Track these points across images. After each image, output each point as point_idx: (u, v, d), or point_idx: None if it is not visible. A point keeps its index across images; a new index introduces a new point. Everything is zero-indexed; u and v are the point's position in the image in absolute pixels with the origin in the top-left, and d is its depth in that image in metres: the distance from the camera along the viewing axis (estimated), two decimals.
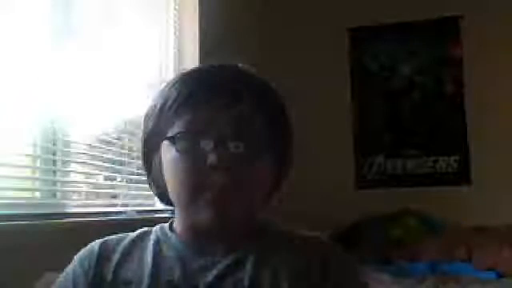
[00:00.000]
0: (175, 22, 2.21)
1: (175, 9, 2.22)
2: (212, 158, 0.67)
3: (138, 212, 1.75)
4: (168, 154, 0.72)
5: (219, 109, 0.70)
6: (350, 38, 3.39)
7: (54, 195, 1.42)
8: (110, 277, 0.73)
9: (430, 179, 3.19)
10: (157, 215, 1.84)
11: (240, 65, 0.82)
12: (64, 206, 1.44)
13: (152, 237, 0.77)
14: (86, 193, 1.67)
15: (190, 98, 0.71)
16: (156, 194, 0.79)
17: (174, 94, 0.72)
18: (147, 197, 1.96)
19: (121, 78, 1.73)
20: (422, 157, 3.23)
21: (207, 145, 0.68)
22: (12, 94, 1.24)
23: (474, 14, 3.15)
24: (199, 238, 0.73)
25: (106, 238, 0.80)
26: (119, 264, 0.74)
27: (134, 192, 1.82)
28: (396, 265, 2.64)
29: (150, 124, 0.75)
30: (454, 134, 3.19)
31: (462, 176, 3.15)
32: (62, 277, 0.77)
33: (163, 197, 0.77)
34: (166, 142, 0.72)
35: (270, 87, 0.80)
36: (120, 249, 0.76)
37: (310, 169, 3.12)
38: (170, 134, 0.71)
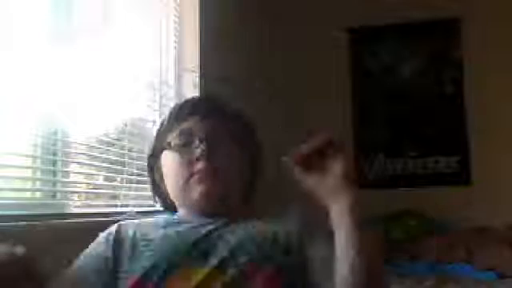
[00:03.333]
0: (175, 22, 2.21)
1: (175, 9, 2.22)
2: (197, 153, 0.97)
3: (138, 212, 1.75)
4: (166, 158, 1.02)
5: (198, 121, 1.02)
6: (350, 38, 3.39)
7: (54, 196, 1.42)
8: (130, 235, 0.98)
9: (430, 179, 3.19)
10: (157, 215, 1.84)
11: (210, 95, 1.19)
12: (64, 206, 1.44)
13: (160, 219, 1.06)
14: (86, 193, 1.67)
15: (179, 116, 1.04)
16: (159, 199, 1.11)
17: (168, 115, 1.07)
18: (147, 197, 1.96)
19: (121, 79, 1.72)
20: (422, 157, 3.23)
21: (193, 144, 0.98)
22: (12, 94, 1.24)
23: (473, 14, 3.16)
24: (194, 214, 1.00)
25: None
26: (136, 229, 1.00)
27: (134, 192, 1.82)
28: (396, 265, 2.63)
29: (153, 142, 1.08)
30: (454, 134, 3.19)
31: (462, 176, 3.15)
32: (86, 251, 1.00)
33: (164, 201, 1.08)
34: (165, 151, 1.02)
35: (235, 107, 1.13)
36: (136, 222, 1.04)
37: None
38: (167, 141, 1.02)
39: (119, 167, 1.73)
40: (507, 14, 3.14)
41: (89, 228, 1.33)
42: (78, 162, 1.58)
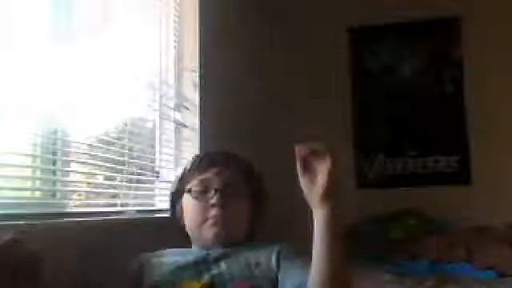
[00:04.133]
0: (175, 21, 2.21)
1: (175, 9, 2.22)
2: (212, 201, 1.22)
3: (138, 212, 1.76)
4: (186, 200, 1.28)
5: (217, 172, 1.26)
6: (350, 38, 3.39)
7: (54, 195, 1.42)
8: (148, 256, 1.25)
9: (429, 179, 3.19)
10: (157, 215, 1.85)
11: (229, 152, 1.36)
12: (64, 205, 1.44)
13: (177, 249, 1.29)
14: (85, 193, 1.67)
15: (199, 167, 1.29)
16: (179, 228, 1.32)
17: (189, 165, 1.33)
18: (147, 197, 1.96)
19: (121, 79, 1.73)
20: (422, 157, 3.23)
21: (209, 193, 1.23)
22: (12, 93, 1.24)
23: (473, 14, 3.16)
24: (204, 247, 1.24)
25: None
26: (156, 254, 1.26)
27: (133, 192, 1.82)
28: (396, 265, 2.63)
29: (175, 185, 1.34)
30: (454, 133, 3.19)
31: (462, 176, 3.15)
32: None
33: (182, 230, 1.31)
34: (185, 195, 1.28)
35: (246, 161, 1.34)
36: (158, 252, 1.28)
37: None
38: (188, 187, 1.28)
39: (119, 167, 1.73)
40: (507, 14, 3.14)
41: (89, 228, 1.33)
42: (78, 162, 1.58)
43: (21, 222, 1.08)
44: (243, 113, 2.78)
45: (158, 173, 2.01)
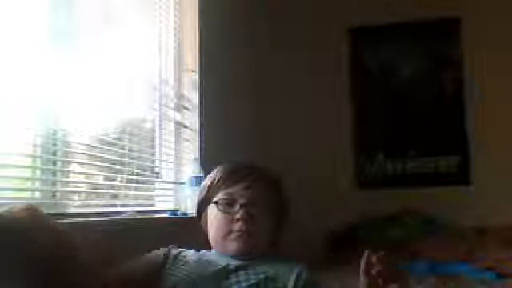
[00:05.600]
0: (175, 21, 2.21)
1: (175, 8, 2.22)
2: (237, 215, 1.25)
3: (138, 212, 1.75)
4: (211, 213, 1.31)
5: (244, 188, 1.28)
6: (350, 37, 3.39)
7: (54, 195, 1.42)
8: (175, 253, 1.28)
9: (429, 179, 3.19)
10: (157, 215, 1.85)
11: (255, 164, 1.38)
12: (64, 206, 1.44)
13: (200, 251, 1.32)
14: (85, 193, 1.67)
15: (227, 181, 1.31)
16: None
17: (218, 176, 1.33)
18: (147, 197, 1.96)
19: (121, 79, 1.72)
20: (422, 157, 3.23)
21: (235, 208, 1.26)
22: (12, 94, 1.24)
23: (473, 14, 3.16)
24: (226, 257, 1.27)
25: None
26: (181, 251, 1.29)
27: (133, 192, 1.82)
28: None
29: (203, 193, 1.35)
30: (454, 134, 3.19)
31: (461, 176, 3.15)
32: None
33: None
34: (212, 205, 1.31)
35: (273, 177, 1.36)
36: (180, 249, 1.31)
37: (311, 169, 3.12)
38: (215, 199, 1.30)
39: (119, 167, 1.73)
40: (507, 14, 3.14)
41: (89, 228, 1.33)
42: (78, 162, 1.58)
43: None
44: (243, 113, 2.77)
45: (157, 173, 2.01)
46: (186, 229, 1.50)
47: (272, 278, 1.18)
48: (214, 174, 1.36)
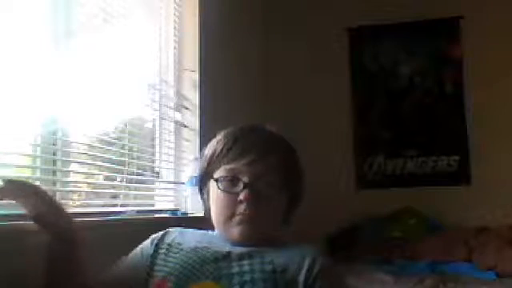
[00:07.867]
0: (175, 22, 2.21)
1: (175, 8, 2.22)
2: (241, 196, 1.04)
3: (138, 212, 1.75)
4: (212, 189, 1.11)
5: (248, 163, 1.06)
6: (350, 38, 3.39)
7: (54, 195, 1.41)
8: (168, 241, 1.12)
9: (429, 179, 3.19)
10: (157, 215, 1.85)
11: (267, 127, 1.20)
12: (64, 206, 1.44)
13: (200, 233, 1.17)
14: (86, 193, 1.67)
15: (229, 153, 1.09)
16: (205, 213, 1.17)
17: (219, 148, 1.12)
18: (147, 197, 1.96)
19: (121, 78, 1.72)
20: (422, 157, 3.23)
21: (239, 187, 1.06)
22: (12, 94, 1.24)
23: (473, 14, 3.16)
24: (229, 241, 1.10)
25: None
26: (177, 237, 1.13)
27: (133, 192, 1.82)
28: (396, 265, 2.63)
29: (204, 165, 1.15)
30: (454, 134, 3.19)
31: (461, 176, 3.15)
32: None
33: (208, 213, 1.14)
34: (212, 182, 1.10)
35: (287, 147, 1.16)
36: (180, 230, 1.17)
37: (310, 169, 3.12)
38: (215, 176, 1.09)
39: (119, 167, 1.73)
40: (507, 14, 3.14)
41: (88, 228, 1.33)
42: (78, 162, 1.58)
43: (21, 222, 1.07)
44: (243, 113, 2.77)
45: (157, 173, 2.01)
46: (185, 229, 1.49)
47: (280, 269, 1.01)
48: (216, 143, 1.15)
